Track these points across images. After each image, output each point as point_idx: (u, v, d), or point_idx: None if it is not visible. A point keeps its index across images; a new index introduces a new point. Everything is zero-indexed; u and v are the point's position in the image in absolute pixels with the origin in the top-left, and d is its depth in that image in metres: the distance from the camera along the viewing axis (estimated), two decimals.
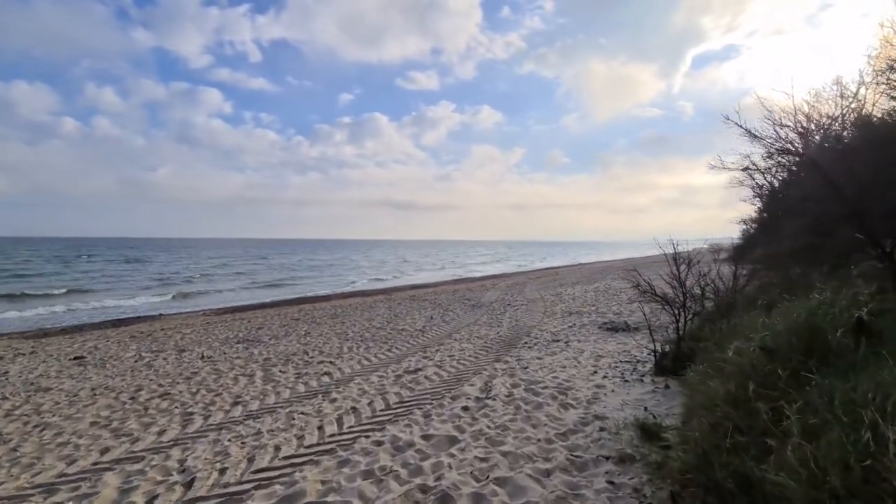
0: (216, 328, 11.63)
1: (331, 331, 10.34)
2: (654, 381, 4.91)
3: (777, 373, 2.41)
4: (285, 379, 6.35)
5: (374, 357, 7.44)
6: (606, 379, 5.21)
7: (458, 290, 19.72)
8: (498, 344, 7.85)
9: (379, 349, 8.07)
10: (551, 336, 8.24)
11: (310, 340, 9.27)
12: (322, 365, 7.07)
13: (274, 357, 7.84)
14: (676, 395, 4.44)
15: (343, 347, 8.38)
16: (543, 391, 4.83)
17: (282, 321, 12.24)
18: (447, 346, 8.00)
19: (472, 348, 7.61)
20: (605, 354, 6.57)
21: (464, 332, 9.24)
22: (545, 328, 9.16)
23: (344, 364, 7.06)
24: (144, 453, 4.07)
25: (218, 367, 7.30)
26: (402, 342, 8.60)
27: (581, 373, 5.57)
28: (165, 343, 9.71)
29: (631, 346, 7.13)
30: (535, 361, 6.32)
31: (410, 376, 6.01)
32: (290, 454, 3.71)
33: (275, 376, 6.57)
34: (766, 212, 25.52)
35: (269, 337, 9.94)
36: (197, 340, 9.87)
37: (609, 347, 7.06)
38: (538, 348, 7.26)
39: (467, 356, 7.00)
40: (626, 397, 4.51)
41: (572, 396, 4.60)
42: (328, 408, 4.88)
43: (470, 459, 3.27)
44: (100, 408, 5.51)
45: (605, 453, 3.21)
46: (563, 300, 13.66)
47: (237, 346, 9.01)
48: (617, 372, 5.50)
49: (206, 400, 5.57)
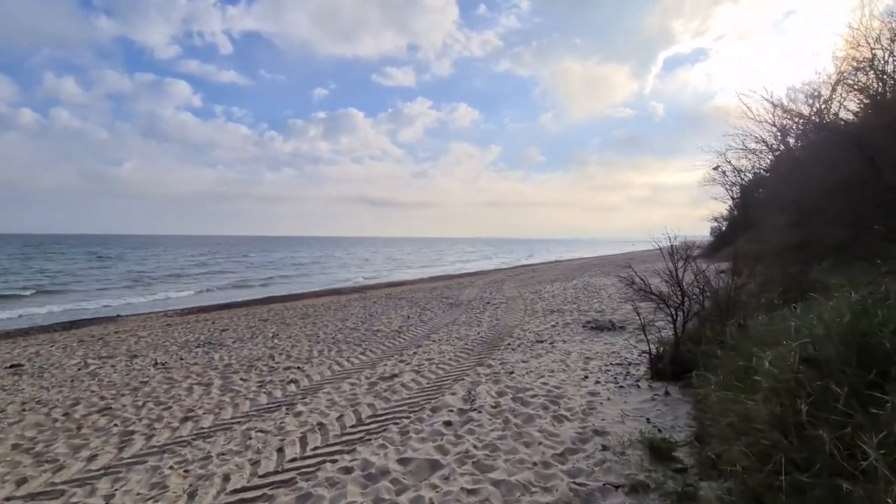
0: (176, 330, 10.77)
1: (301, 332, 9.65)
2: (652, 387, 4.49)
3: (832, 390, 1.97)
4: (246, 388, 5.69)
5: (347, 361, 6.84)
6: (599, 385, 4.77)
7: (435, 287, 19.18)
8: (479, 345, 7.35)
9: (352, 352, 7.46)
10: (535, 336, 7.79)
11: (277, 343, 8.58)
12: (289, 371, 6.43)
13: (236, 363, 7.14)
14: (679, 403, 4.02)
15: (313, 351, 7.74)
16: (533, 400, 4.34)
17: (249, 322, 11.45)
18: (425, 348, 7.46)
19: (452, 350, 7.09)
20: (593, 356, 6.15)
21: (443, 333, 8.72)
22: (528, 328, 8.71)
23: (313, 370, 6.43)
24: (66, 486, 3.39)
25: (172, 374, 6.57)
26: (378, 344, 8.01)
27: (571, 378, 5.11)
28: (117, 348, 8.84)
29: (619, 346, 6.74)
30: (520, 365, 5.84)
31: (386, 384, 5.44)
32: (241, 486, 3.10)
33: (235, 385, 5.90)
34: (739, 208, 25.88)
35: (233, 340, 9.19)
36: (153, 344, 9.04)
37: (596, 348, 6.65)
38: (522, 350, 6.79)
39: (447, 360, 6.48)
40: (625, 406, 4.06)
41: (565, 406, 4.13)
42: (291, 423, 4.28)
43: (456, 492, 2.73)
44: (26, 426, 4.75)
45: (612, 480, 2.73)
46: (543, 298, 13.28)
47: (196, 351, 8.25)
48: (609, 376, 5.06)
49: (152, 415, 4.87)
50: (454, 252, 79.10)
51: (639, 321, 8.59)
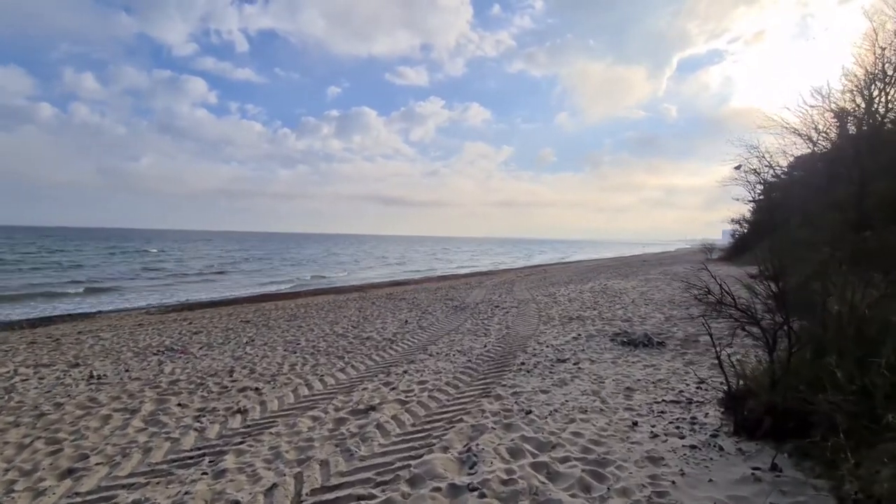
0: (145, 331, 9.40)
1: (280, 338, 8.21)
2: (744, 451, 2.93)
3: None
4: (176, 421, 4.25)
5: (319, 381, 5.37)
6: (658, 440, 3.22)
7: (440, 287, 17.68)
8: (485, 363, 5.83)
9: (330, 367, 6.00)
10: (554, 352, 6.25)
11: (247, 352, 7.14)
12: (243, 394, 4.97)
13: (187, 378, 5.71)
14: (802, 489, 2.46)
15: (284, 364, 6.28)
16: (565, 470, 2.82)
17: (228, 323, 10.05)
18: (419, 364, 5.96)
19: (451, 370, 5.59)
20: (635, 386, 4.59)
21: (442, 344, 7.21)
22: (544, 340, 7.17)
23: (273, 393, 4.97)
24: None
25: (101, 393, 5.16)
26: (363, 357, 6.53)
27: (614, 424, 3.57)
28: (65, 353, 7.47)
29: (665, 370, 5.18)
30: (539, 398, 4.31)
31: (357, 422, 3.95)
32: None
33: (166, 413, 4.46)
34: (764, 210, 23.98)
35: (200, 346, 7.78)
36: (107, 350, 7.66)
37: (636, 373, 5.09)
38: (540, 372, 5.26)
39: (444, 384, 4.97)
40: (712, 491, 2.52)
41: (618, 488, 2.60)
42: (199, 495, 2.81)
43: None
44: None
45: None
46: (558, 302, 11.71)
47: (151, 360, 6.85)
48: (668, 424, 3.51)
49: (26, 464, 3.44)
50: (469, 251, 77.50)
51: (680, 335, 7.05)
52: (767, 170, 21.55)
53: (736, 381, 3.56)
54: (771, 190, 22.20)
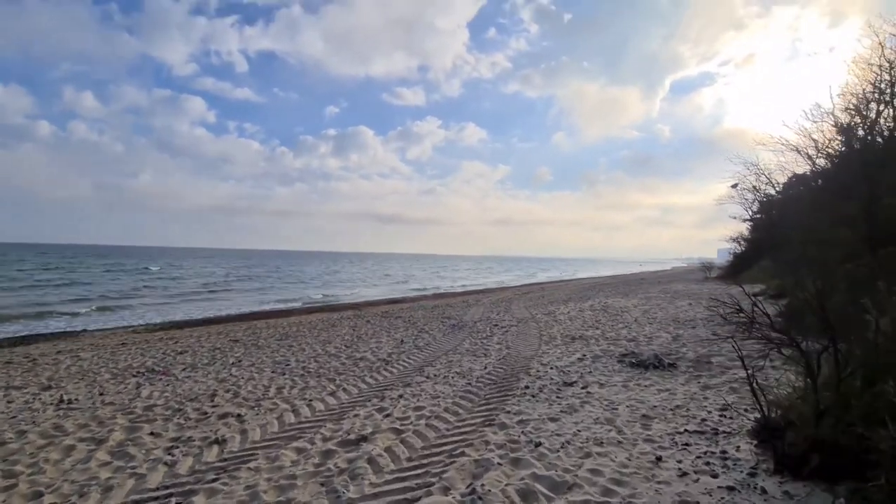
0: (127, 351, 8.92)
1: (269, 358, 7.76)
2: (792, 496, 2.53)
3: None
4: (146, 453, 3.80)
5: (307, 406, 4.93)
6: (688, 479, 2.82)
7: (437, 305, 17.24)
8: (487, 386, 5.42)
9: (320, 391, 5.56)
10: (560, 375, 5.84)
11: (233, 374, 6.69)
12: (223, 422, 4.53)
13: (164, 402, 5.26)
14: None
15: (271, 387, 5.84)
16: None
17: (216, 343, 9.58)
18: (415, 388, 5.53)
19: (450, 394, 5.16)
20: (651, 413, 4.19)
21: (440, 365, 6.78)
22: (547, 360, 6.76)
23: (257, 420, 4.53)
24: None
25: (69, 420, 4.69)
26: (356, 379, 6.10)
27: (635, 459, 3.17)
28: (39, 374, 6.99)
29: (680, 394, 4.77)
30: (548, 427, 3.89)
31: (346, 455, 3.53)
32: None
33: (136, 443, 4.01)
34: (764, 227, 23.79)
35: (183, 367, 7.31)
36: (84, 371, 7.19)
37: (650, 398, 4.69)
38: (546, 397, 4.84)
39: (442, 410, 4.55)
40: None
41: None
42: None
43: None
44: None
45: None
46: (558, 321, 11.31)
47: (129, 382, 6.38)
48: (698, 460, 3.11)
49: None
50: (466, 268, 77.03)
51: (691, 356, 6.65)
52: (766, 187, 21.47)
53: (768, 409, 3.18)
54: (770, 207, 22.05)
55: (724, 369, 5.84)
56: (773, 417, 3.15)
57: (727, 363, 6.15)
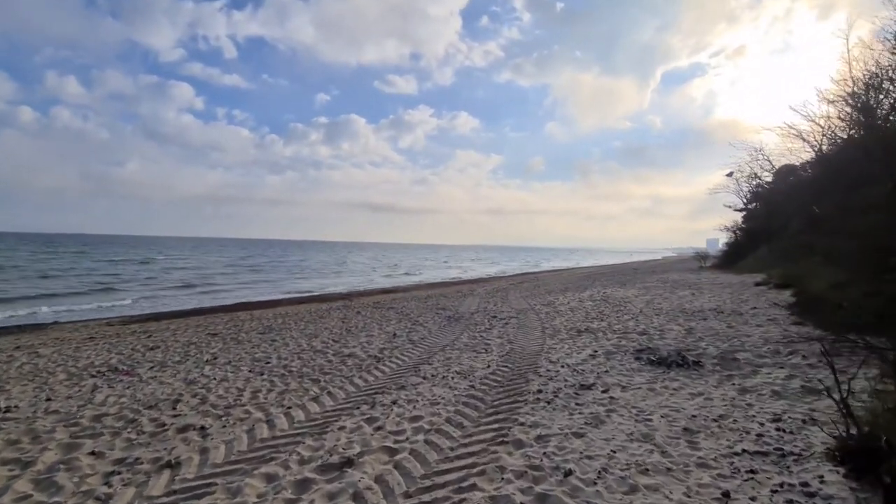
0: (95, 346, 8.09)
1: (248, 355, 6.98)
2: None
3: None
4: (78, 481, 3.03)
5: (284, 416, 4.18)
6: None
7: (430, 296, 16.51)
8: (493, 389, 4.70)
9: (301, 395, 4.81)
10: (574, 375, 5.14)
11: (205, 374, 5.91)
12: (182, 437, 3.76)
13: (118, 410, 4.47)
14: None
15: (245, 390, 5.07)
16: None
17: (192, 337, 8.76)
18: (410, 391, 4.80)
19: (451, 399, 4.44)
20: (693, 426, 3.50)
21: (437, 363, 6.06)
22: (556, 356, 6.07)
23: (222, 435, 3.77)
24: None
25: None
26: (343, 380, 5.35)
27: (695, 495, 2.46)
28: None
29: (717, 400, 4.10)
30: (573, 445, 3.19)
31: (328, 486, 2.79)
32: None
33: (70, 466, 3.24)
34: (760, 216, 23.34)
35: (151, 365, 6.52)
36: (38, 370, 6.36)
37: (684, 405, 4.01)
38: (564, 404, 4.14)
39: (443, 421, 3.83)
40: None
41: None
42: None
43: None
44: None
45: None
46: (559, 312, 10.64)
47: (85, 384, 5.58)
48: (777, 497, 2.41)
49: None
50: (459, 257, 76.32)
51: (712, 352, 5.99)
52: (765, 174, 20.95)
53: (850, 427, 2.49)
54: (769, 195, 21.55)
55: (754, 367, 5.19)
56: (867, 436, 2.47)
57: (755, 360, 5.51)
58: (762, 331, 7.25)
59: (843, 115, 16.46)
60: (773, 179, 24.74)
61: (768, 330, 7.27)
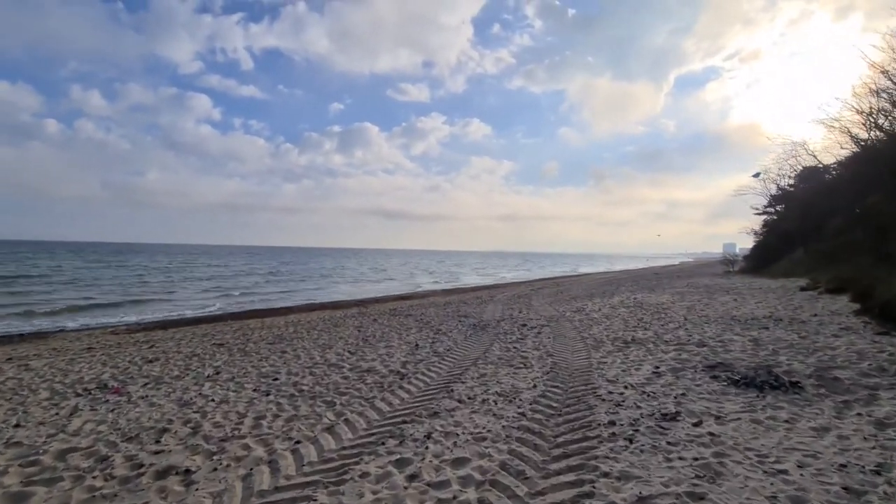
0: (91, 358, 7.31)
1: (254, 369, 6.11)
2: None
3: None
4: None
5: (290, 455, 3.26)
6: None
7: (449, 302, 15.57)
8: (550, 419, 3.73)
9: (312, 424, 3.89)
10: (645, 399, 4.14)
11: (203, 393, 5.03)
12: (158, 485, 2.86)
13: (90, 444, 3.60)
14: None
15: (247, 416, 4.17)
16: None
17: (196, 347, 7.94)
18: (447, 419, 3.85)
19: (500, 432, 3.48)
20: (852, 482, 2.49)
21: (472, 381, 5.10)
22: (613, 375, 5.07)
23: (210, 483, 2.86)
24: None
25: None
26: (362, 403, 4.43)
27: None
28: None
29: (854, 438, 3.07)
30: None
31: None
32: None
33: None
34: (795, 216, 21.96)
35: (146, 381, 5.68)
36: (21, 387, 5.57)
37: (815, 446, 2.99)
38: (651, 444, 3.15)
39: (497, 468, 2.87)
40: None
41: None
42: None
43: None
44: None
45: None
46: (594, 320, 9.61)
47: (67, 404, 4.75)
48: None
49: None
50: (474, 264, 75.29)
51: (801, 369, 4.92)
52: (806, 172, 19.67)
53: None
54: (803, 194, 20.21)
55: (869, 390, 4.13)
56: None
57: (862, 380, 4.45)
58: (844, 342, 6.15)
59: (884, 109, 15.26)
60: (794, 182, 23.44)
61: (852, 341, 6.16)
